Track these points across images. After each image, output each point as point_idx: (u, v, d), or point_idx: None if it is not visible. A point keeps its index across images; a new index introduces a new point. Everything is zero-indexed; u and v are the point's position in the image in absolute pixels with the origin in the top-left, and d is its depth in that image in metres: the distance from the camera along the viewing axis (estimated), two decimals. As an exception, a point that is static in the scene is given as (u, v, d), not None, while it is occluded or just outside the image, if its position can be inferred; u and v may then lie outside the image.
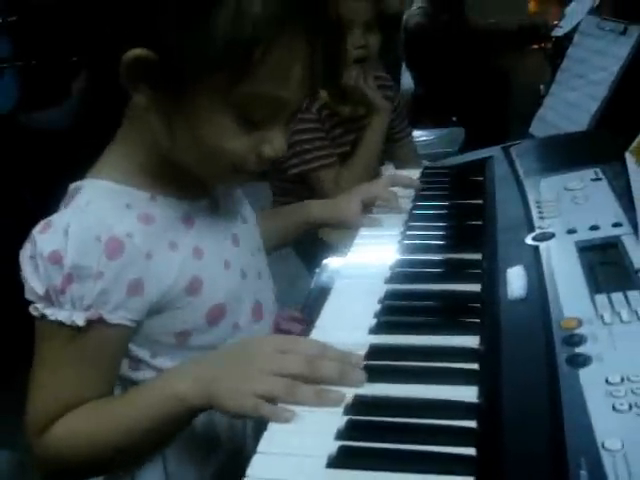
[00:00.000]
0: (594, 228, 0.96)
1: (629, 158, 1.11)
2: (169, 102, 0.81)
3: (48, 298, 0.80)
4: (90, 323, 0.80)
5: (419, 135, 2.97)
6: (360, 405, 0.72)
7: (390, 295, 0.93)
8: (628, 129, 1.22)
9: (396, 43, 3.55)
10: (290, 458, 0.68)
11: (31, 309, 0.82)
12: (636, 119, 1.24)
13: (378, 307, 0.90)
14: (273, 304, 1.05)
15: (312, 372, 0.75)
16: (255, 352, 0.78)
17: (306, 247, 1.92)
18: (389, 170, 1.86)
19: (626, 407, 0.62)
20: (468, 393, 0.72)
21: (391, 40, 3.23)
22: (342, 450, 0.66)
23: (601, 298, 0.79)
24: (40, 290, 0.80)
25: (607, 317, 0.76)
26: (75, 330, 0.80)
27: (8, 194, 2.80)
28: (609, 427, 0.61)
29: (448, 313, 0.88)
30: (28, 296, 0.82)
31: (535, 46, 3.45)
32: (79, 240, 0.79)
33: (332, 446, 0.67)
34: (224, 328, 0.92)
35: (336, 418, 0.71)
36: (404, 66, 3.74)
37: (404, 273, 0.99)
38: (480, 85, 3.35)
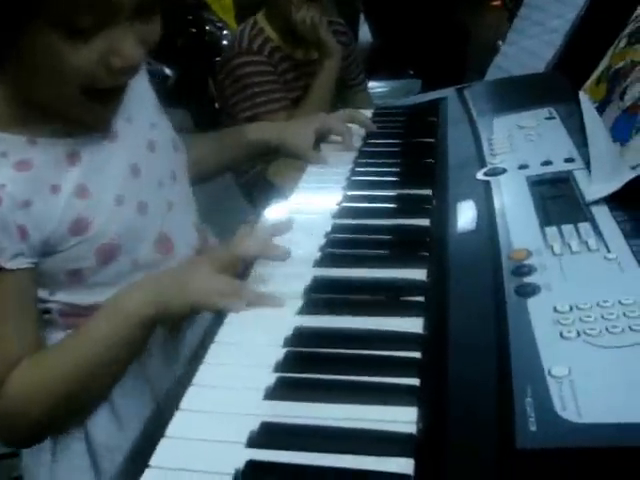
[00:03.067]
0: (546, 163, 0.94)
1: (583, 96, 1.08)
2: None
3: None
4: None
5: (375, 86, 2.92)
6: (300, 337, 0.70)
7: (336, 229, 0.90)
8: (582, 72, 1.20)
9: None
10: (226, 391, 0.65)
11: None
12: (590, 63, 1.22)
13: (324, 241, 0.87)
14: (191, 236, 1.00)
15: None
16: (196, 261, 0.84)
17: (253, 189, 1.89)
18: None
19: (574, 334, 0.60)
20: (414, 325, 0.69)
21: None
22: (280, 381, 0.64)
23: (551, 230, 0.77)
24: None
25: (557, 248, 0.73)
26: None
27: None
28: (556, 354, 0.59)
29: (395, 247, 0.85)
30: None
31: (496, 2, 3.41)
32: None
33: (270, 378, 0.64)
34: (121, 265, 0.88)
35: (275, 350, 0.68)
36: (362, 17, 3.67)
37: (352, 208, 0.96)
38: (439, 39, 3.31)
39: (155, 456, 0.58)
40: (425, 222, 0.89)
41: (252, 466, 0.56)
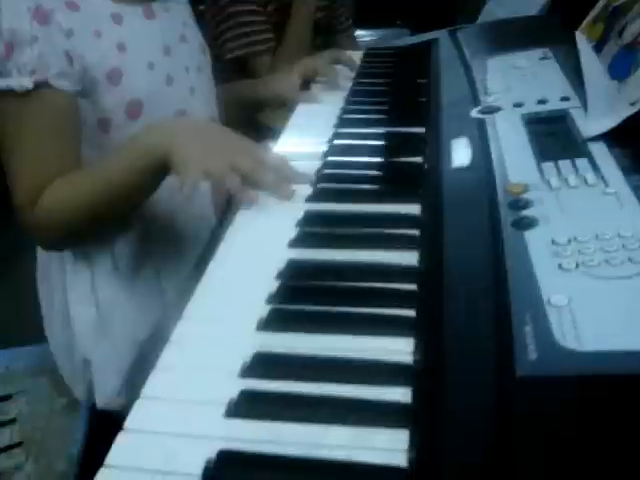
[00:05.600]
0: (542, 102, 0.92)
1: (579, 35, 1.06)
2: None
3: None
4: (38, 87, 0.87)
5: (363, 35, 2.87)
6: (294, 269, 0.68)
7: (328, 165, 0.88)
8: (576, 15, 1.17)
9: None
10: (219, 323, 0.63)
11: None
12: (584, 7, 1.19)
13: (315, 177, 0.85)
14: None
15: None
16: (226, 135, 0.90)
17: (242, 129, 1.84)
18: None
19: (573, 265, 0.59)
20: (409, 258, 0.68)
21: None
22: (273, 313, 0.62)
23: (548, 165, 0.76)
24: None
25: (554, 182, 0.72)
26: (28, 97, 0.86)
27: None
28: (555, 285, 0.58)
29: (388, 182, 0.84)
30: None
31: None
32: (11, 8, 0.86)
33: (263, 310, 0.63)
34: (141, 126, 0.96)
35: (268, 282, 0.66)
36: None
37: (343, 145, 0.93)
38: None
39: (146, 386, 0.57)
40: (419, 159, 0.87)
41: (246, 395, 0.55)
